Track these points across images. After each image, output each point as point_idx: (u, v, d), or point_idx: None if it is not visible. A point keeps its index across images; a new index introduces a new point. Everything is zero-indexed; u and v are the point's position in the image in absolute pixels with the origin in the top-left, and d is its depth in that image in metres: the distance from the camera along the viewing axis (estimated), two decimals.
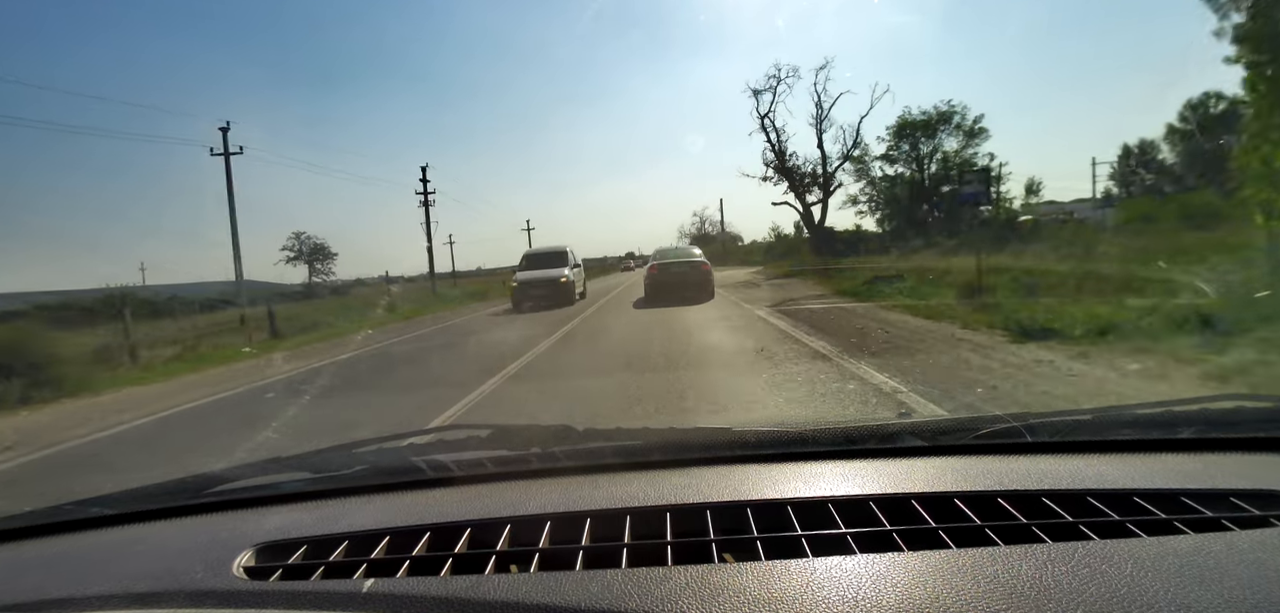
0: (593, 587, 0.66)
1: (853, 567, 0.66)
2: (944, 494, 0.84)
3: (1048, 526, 0.75)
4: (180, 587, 0.77)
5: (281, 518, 0.98)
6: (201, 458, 4.41)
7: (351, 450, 1.26)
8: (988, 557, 0.66)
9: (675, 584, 0.64)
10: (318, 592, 0.73)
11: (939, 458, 0.98)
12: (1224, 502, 0.79)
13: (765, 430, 1.09)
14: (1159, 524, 0.74)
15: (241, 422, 5.50)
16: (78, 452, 5.12)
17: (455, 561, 0.78)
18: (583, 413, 4.60)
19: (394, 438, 1.37)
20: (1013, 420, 1.04)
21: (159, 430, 5.63)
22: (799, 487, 0.90)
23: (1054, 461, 0.94)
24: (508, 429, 1.23)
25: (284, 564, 0.81)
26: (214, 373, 9.40)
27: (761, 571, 0.67)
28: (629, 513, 0.86)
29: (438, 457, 1.13)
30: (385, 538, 0.85)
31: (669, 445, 1.14)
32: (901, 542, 0.73)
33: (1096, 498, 0.81)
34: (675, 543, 0.79)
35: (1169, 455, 0.95)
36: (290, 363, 9.55)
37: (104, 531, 1.02)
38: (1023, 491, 0.84)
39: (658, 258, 14.92)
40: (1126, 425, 1.06)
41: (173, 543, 0.94)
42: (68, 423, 6.36)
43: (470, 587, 0.68)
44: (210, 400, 6.83)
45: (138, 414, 6.34)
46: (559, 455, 1.09)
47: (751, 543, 0.77)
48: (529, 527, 0.85)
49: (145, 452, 5.00)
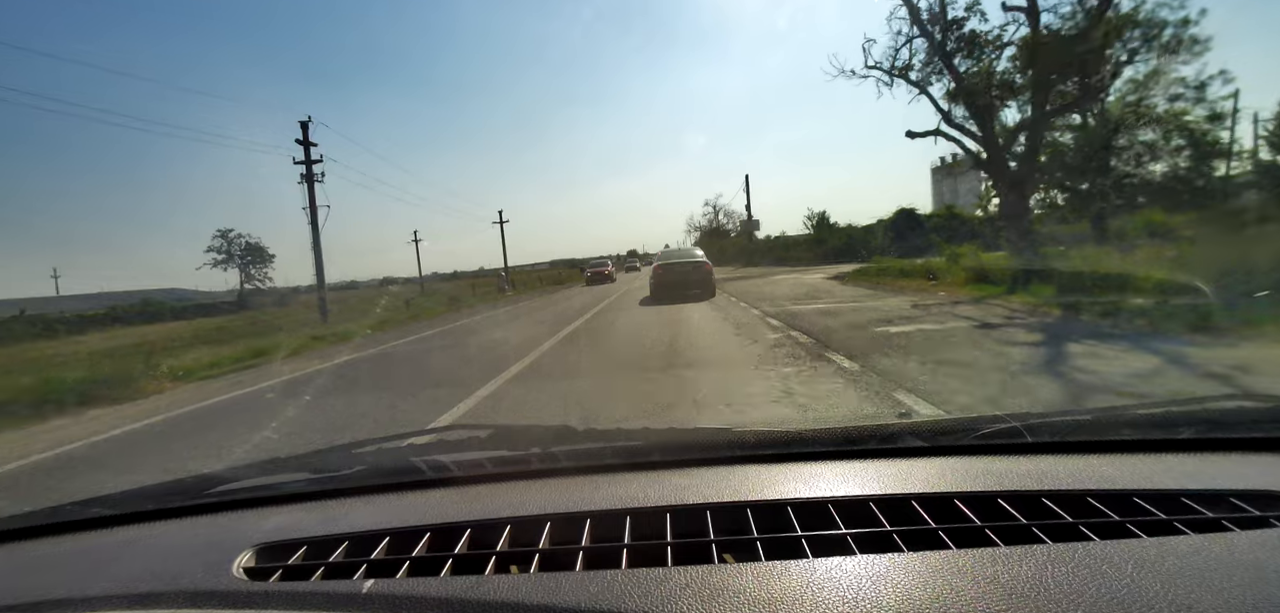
0: (593, 587, 0.66)
1: (853, 567, 0.66)
2: (944, 495, 0.84)
3: (1048, 526, 0.75)
4: (180, 587, 0.77)
5: (281, 518, 0.98)
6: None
7: (351, 451, 1.26)
8: (988, 557, 0.66)
9: (675, 585, 0.64)
10: (318, 592, 0.73)
11: (939, 458, 0.98)
12: (1224, 502, 0.79)
13: (765, 431, 1.09)
14: (1159, 525, 0.74)
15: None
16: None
17: (455, 561, 0.78)
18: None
19: (394, 438, 1.37)
20: (1013, 421, 1.04)
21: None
22: (799, 487, 0.90)
23: (1054, 461, 0.94)
24: (508, 430, 1.23)
25: (284, 565, 0.81)
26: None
27: (761, 571, 0.67)
28: (629, 514, 0.86)
29: (438, 457, 1.13)
30: (385, 539, 0.85)
31: (669, 446, 1.14)
32: (901, 542, 0.73)
33: (1096, 499, 0.81)
34: (675, 544, 0.79)
35: (1169, 456, 0.95)
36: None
37: (104, 531, 1.02)
38: (1023, 491, 0.84)
39: (662, 259, 15.60)
40: (1126, 426, 1.06)
41: (173, 543, 0.94)
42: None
43: (470, 587, 0.68)
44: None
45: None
46: (559, 456, 1.09)
47: (751, 544, 0.77)
48: (529, 527, 0.85)
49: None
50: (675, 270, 14.31)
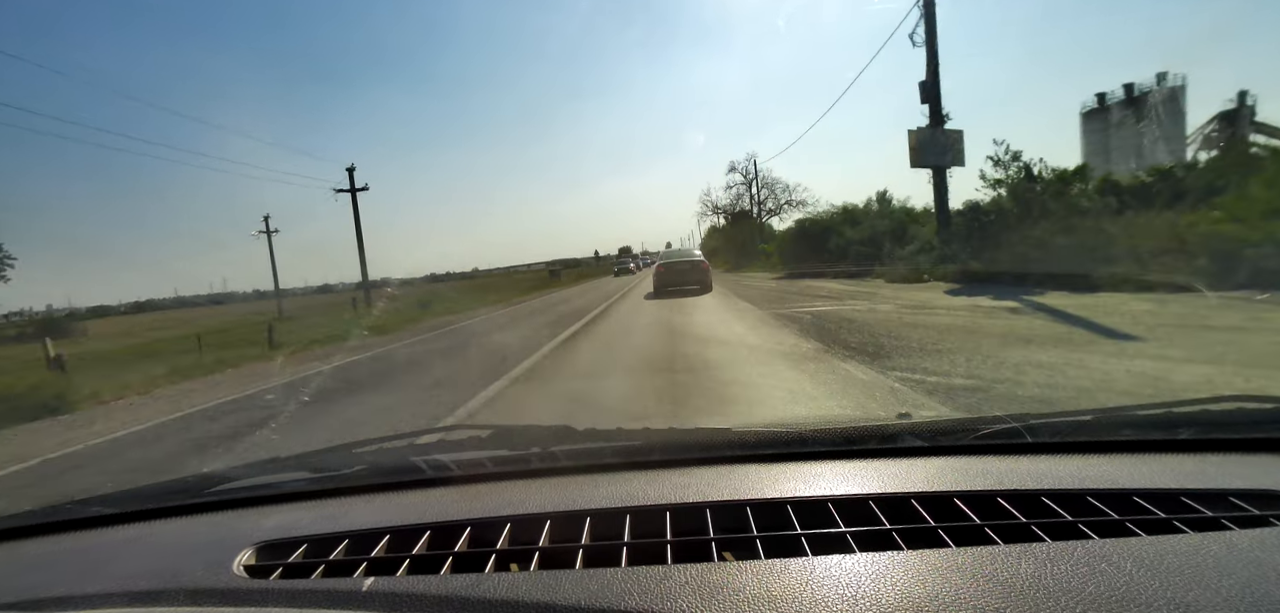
0: (592, 585, 0.66)
1: (852, 566, 0.66)
2: (944, 494, 0.84)
3: (1047, 525, 0.75)
4: (180, 586, 0.77)
5: (282, 517, 0.98)
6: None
7: (351, 450, 1.26)
8: (987, 556, 0.66)
9: (675, 583, 0.64)
10: (318, 591, 0.73)
11: (939, 458, 0.98)
12: (1223, 502, 0.79)
13: (765, 430, 1.09)
14: (1158, 524, 0.74)
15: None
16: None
17: (455, 559, 0.78)
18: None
19: (394, 438, 1.37)
20: (1013, 421, 1.04)
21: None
22: (799, 486, 0.90)
23: (1054, 460, 0.94)
24: (508, 429, 1.23)
25: (284, 563, 0.81)
26: None
27: (761, 570, 0.67)
28: (629, 512, 0.86)
29: (438, 456, 1.13)
30: (385, 537, 0.85)
31: (669, 445, 1.14)
32: (901, 541, 0.73)
33: (1096, 498, 0.81)
34: (675, 542, 0.79)
35: (1169, 456, 0.94)
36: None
37: (104, 530, 1.02)
38: (1022, 490, 0.84)
39: (664, 258, 18.36)
40: (1126, 426, 1.06)
41: (173, 541, 0.94)
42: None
43: (470, 585, 0.68)
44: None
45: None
46: (559, 455, 1.09)
47: (751, 542, 0.77)
48: (529, 526, 0.85)
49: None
50: (676, 269, 16.54)
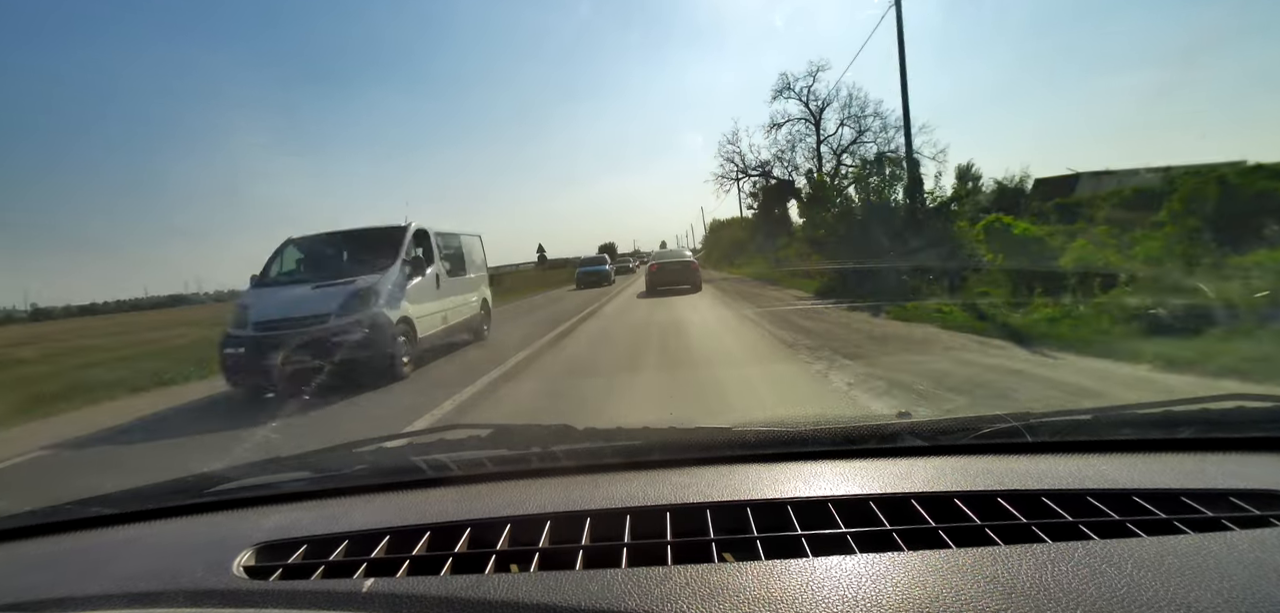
0: (592, 586, 0.66)
1: (853, 566, 0.66)
2: (944, 494, 0.84)
3: (1048, 525, 0.75)
4: (180, 586, 0.77)
5: (281, 517, 0.98)
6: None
7: (351, 450, 1.26)
8: (988, 556, 0.66)
9: (675, 584, 0.64)
10: (318, 591, 0.73)
11: (939, 458, 0.98)
12: (1224, 502, 0.79)
13: (765, 430, 1.09)
14: (1159, 524, 0.74)
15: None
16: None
17: (455, 560, 0.78)
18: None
19: (394, 438, 1.37)
20: (1013, 420, 1.04)
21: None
22: (799, 487, 0.90)
23: (1054, 460, 0.94)
24: (508, 429, 1.23)
25: (284, 564, 0.81)
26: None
27: (761, 570, 0.67)
28: (629, 513, 0.86)
29: (438, 456, 1.13)
30: (385, 538, 0.85)
31: (669, 445, 1.14)
32: (901, 542, 0.73)
33: (1096, 498, 0.81)
34: (675, 543, 0.79)
35: (1169, 455, 0.94)
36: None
37: (104, 530, 1.02)
38: (1023, 490, 0.84)
39: (657, 258, 19.42)
40: (1126, 425, 1.06)
41: (173, 542, 0.94)
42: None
43: (470, 586, 0.68)
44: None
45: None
46: (559, 455, 1.09)
47: (751, 543, 0.77)
48: (529, 526, 0.85)
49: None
50: (668, 270, 17.55)
